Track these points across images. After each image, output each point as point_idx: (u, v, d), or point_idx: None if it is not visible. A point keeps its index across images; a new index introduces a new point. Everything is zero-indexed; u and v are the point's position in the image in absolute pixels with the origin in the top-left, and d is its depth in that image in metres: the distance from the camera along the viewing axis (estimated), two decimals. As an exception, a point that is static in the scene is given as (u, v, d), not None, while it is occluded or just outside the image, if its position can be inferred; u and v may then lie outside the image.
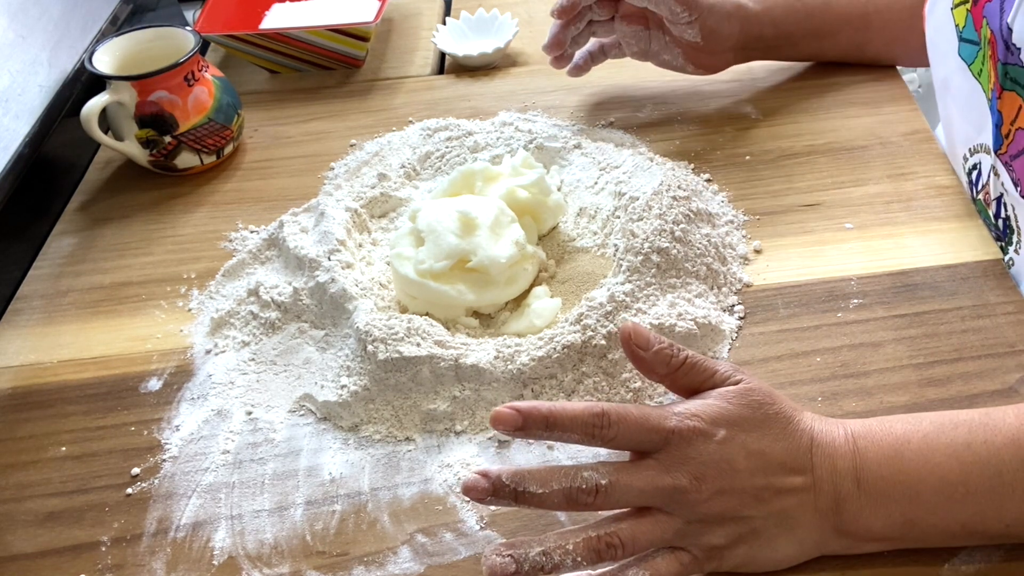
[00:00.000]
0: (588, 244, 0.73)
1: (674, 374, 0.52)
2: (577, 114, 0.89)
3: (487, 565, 0.47)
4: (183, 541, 0.58)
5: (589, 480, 0.47)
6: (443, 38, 1.01)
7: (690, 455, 0.48)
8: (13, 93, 0.83)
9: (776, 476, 0.49)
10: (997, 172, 0.68)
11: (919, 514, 0.50)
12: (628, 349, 0.52)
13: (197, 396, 0.67)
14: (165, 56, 0.84)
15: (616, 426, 0.48)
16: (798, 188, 0.78)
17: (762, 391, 0.51)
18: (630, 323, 0.52)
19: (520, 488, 0.47)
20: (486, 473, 0.48)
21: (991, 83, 0.67)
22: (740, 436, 0.49)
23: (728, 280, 0.70)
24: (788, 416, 0.51)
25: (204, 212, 0.84)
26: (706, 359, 0.52)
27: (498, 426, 0.48)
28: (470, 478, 0.48)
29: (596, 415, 0.48)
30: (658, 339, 0.51)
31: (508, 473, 0.48)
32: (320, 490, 0.60)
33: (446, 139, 0.85)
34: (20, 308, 0.77)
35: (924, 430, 0.51)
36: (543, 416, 0.48)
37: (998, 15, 0.65)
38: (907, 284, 0.68)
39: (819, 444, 0.50)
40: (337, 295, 0.68)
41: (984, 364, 0.62)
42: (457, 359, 0.62)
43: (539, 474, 0.48)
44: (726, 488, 0.48)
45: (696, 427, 0.48)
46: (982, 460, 0.49)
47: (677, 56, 0.83)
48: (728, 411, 0.49)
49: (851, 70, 0.89)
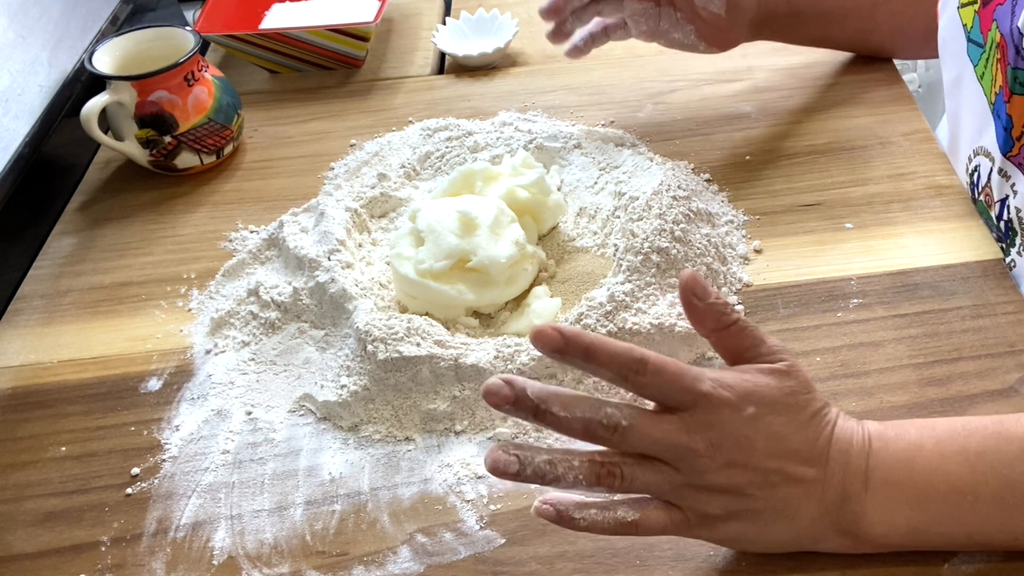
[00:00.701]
0: (588, 244, 0.73)
1: (722, 331, 0.51)
2: (577, 114, 0.89)
3: (492, 458, 0.46)
4: (183, 541, 0.58)
5: (611, 417, 0.47)
6: (443, 38, 1.01)
7: (713, 422, 0.48)
8: (13, 93, 0.83)
9: (789, 463, 0.49)
10: (1007, 175, 0.68)
11: (925, 520, 0.49)
12: (684, 296, 0.50)
13: (197, 396, 0.67)
14: (165, 56, 0.84)
15: (652, 375, 0.47)
16: (798, 188, 0.78)
17: (800, 377, 0.50)
18: (691, 271, 0.50)
19: (543, 406, 0.46)
20: (511, 381, 0.46)
21: (995, 87, 0.67)
22: (767, 416, 0.49)
23: (728, 280, 0.70)
24: (817, 408, 0.50)
25: (204, 212, 0.84)
26: (756, 328, 0.51)
27: (538, 343, 0.46)
28: (493, 382, 0.46)
29: (636, 360, 0.47)
30: (716, 293, 0.50)
31: (534, 387, 0.46)
32: (320, 490, 0.60)
33: (446, 139, 0.85)
34: (20, 308, 0.77)
35: (938, 436, 0.50)
36: (584, 346, 0.47)
37: (1009, 17, 0.64)
38: (907, 284, 0.68)
39: (837, 440, 0.50)
40: (337, 295, 0.68)
41: (984, 364, 0.62)
42: (457, 359, 0.62)
43: (564, 397, 0.47)
44: (738, 462, 0.48)
45: (727, 398, 0.48)
46: (994, 469, 0.49)
47: (689, 34, 0.81)
48: (762, 390, 0.49)
49: (851, 70, 0.90)
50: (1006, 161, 0.67)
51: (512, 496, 0.58)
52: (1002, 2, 0.66)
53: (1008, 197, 0.68)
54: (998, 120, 0.67)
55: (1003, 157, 0.67)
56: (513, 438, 0.61)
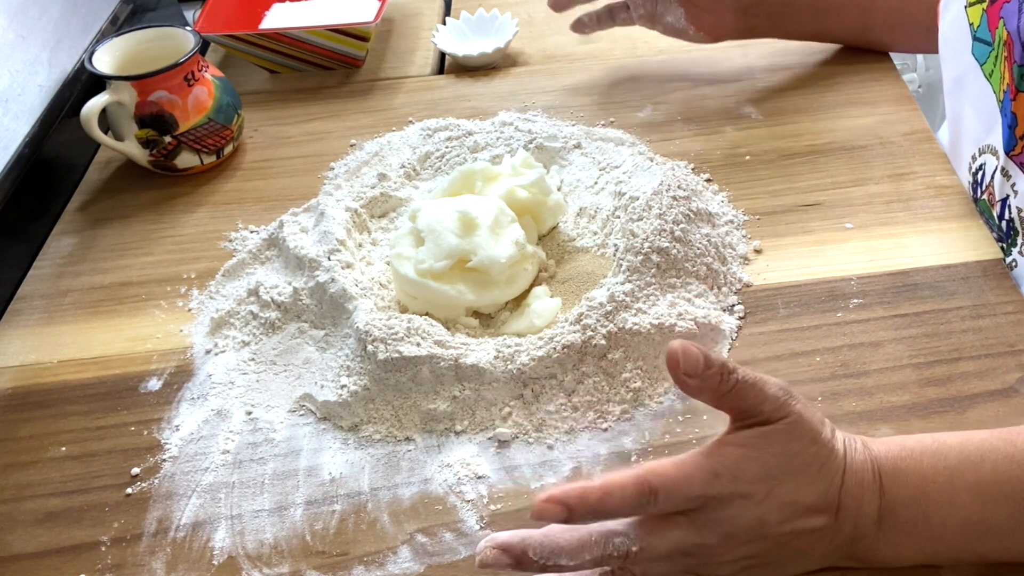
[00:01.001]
0: (588, 244, 0.73)
1: (722, 398, 0.48)
2: (577, 114, 0.89)
3: None
4: (183, 541, 0.58)
5: (620, 547, 0.46)
6: (443, 38, 1.01)
7: (725, 518, 0.47)
8: (13, 93, 0.83)
9: (801, 519, 0.48)
10: (1008, 174, 0.68)
11: (937, 551, 0.49)
12: (675, 376, 0.47)
13: (197, 396, 0.67)
14: (165, 56, 0.84)
15: (664, 503, 0.46)
16: (798, 188, 0.78)
17: (805, 429, 0.48)
18: (679, 345, 0.46)
19: (550, 562, 0.46)
20: (507, 547, 0.46)
21: (1003, 84, 0.67)
22: (777, 490, 0.47)
23: (728, 280, 0.70)
24: (826, 454, 0.48)
25: (204, 212, 0.84)
26: (757, 380, 0.47)
27: (543, 519, 0.45)
28: (487, 554, 0.46)
29: (646, 494, 0.45)
30: (708, 362, 0.46)
31: (533, 543, 0.46)
32: (320, 490, 0.60)
33: (446, 139, 0.85)
34: (20, 308, 0.77)
35: (950, 466, 0.49)
36: (591, 505, 0.45)
37: (1016, 16, 0.64)
38: (907, 284, 0.68)
39: (849, 486, 0.49)
40: (337, 295, 0.68)
41: (984, 364, 0.62)
42: (457, 359, 0.62)
43: (568, 547, 0.46)
44: (753, 541, 0.47)
45: (736, 491, 0.47)
46: (1008, 497, 0.48)
47: (680, 17, 0.83)
48: (767, 467, 0.47)
49: (851, 70, 0.90)
50: (1009, 160, 0.67)
51: (512, 496, 0.58)
52: (1008, 0, 0.66)
53: (1009, 197, 0.68)
54: (1004, 118, 0.67)
55: (1006, 156, 0.67)
56: (513, 438, 0.61)
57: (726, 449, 0.48)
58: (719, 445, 0.48)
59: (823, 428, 0.49)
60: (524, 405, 0.62)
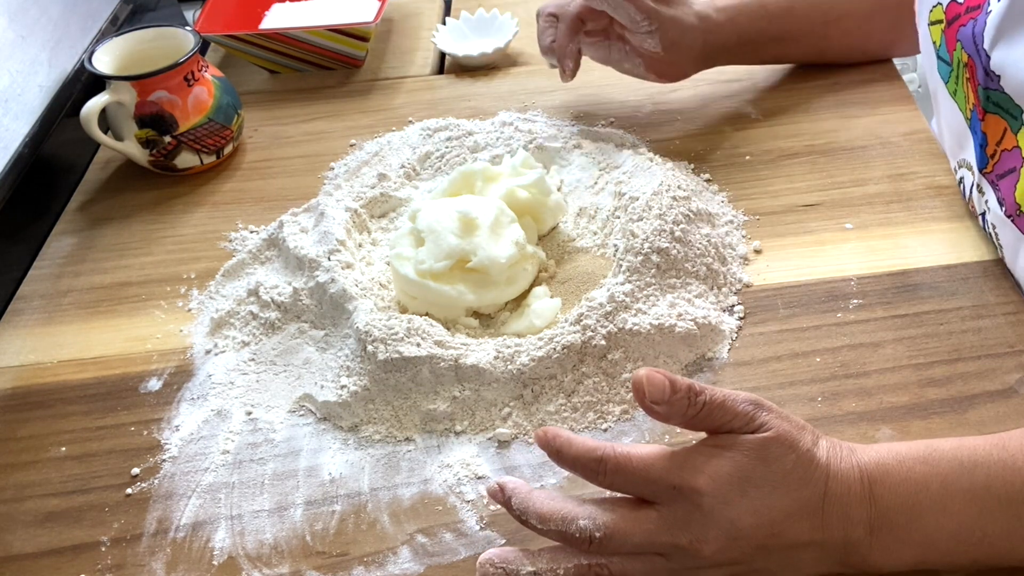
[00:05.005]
0: (588, 244, 0.73)
1: (690, 421, 0.49)
2: (577, 114, 0.89)
3: (480, 573, 0.49)
4: (183, 541, 0.58)
5: (584, 530, 0.47)
6: (443, 38, 1.01)
7: (692, 516, 0.47)
8: (13, 93, 0.83)
9: (781, 528, 0.48)
10: (982, 190, 0.68)
11: (931, 557, 0.49)
12: (642, 405, 0.48)
13: (197, 396, 0.67)
14: (165, 56, 0.84)
15: (611, 474, 0.48)
16: (798, 188, 0.78)
17: (781, 440, 0.48)
18: (643, 373, 0.47)
19: (524, 517, 0.50)
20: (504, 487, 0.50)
21: (969, 104, 0.67)
22: (751, 492, 0.47)
23: (728, 280, 0.70)
24: (805, 465, 0.48)
25: (204, 212, 0.84)
26: (726, 398, 0.48)
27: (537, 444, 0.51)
28: (491, 485, 0.51)
29: (595, 459, 0.48)
30: (674, 387, 0.47)
31: (519, 496, 0.50)
32: (320, 490, 0.60)
33: (446, 139, 0.85)
34: (20, 308, 0.77)
35: (943, 473, 0.49)
36: (554, 449, 0.50)
37: (971, 40, 0.64)
38: (907, 284, 0.68)
39: (832, 494, 0.48)
40: (337, 295, 0.68)
41: (984, 364, 0.62)
42: (457, 359, 0.62)
43: (541, 510, 0.49)
44: (728, 544, 0.47)
45: (702, 487, 0.47)
46: (1001, 504, 0.48)
47: (638, 66, 0.82)
48: (741, 469, 0.47)
49: (851, 70, 0.89)
50: (982, 177, 0.67)
51: (512, 496, 0.58)
52: (964, 23, 0.66)
53: (985, 212, 0.68)
54: (975, 136, 0.67)
55: (979, 173, 0.67)
56: (513, 438, 0.61)
57: (701, 447, 0.49)
58: (696, 444, 0.49)
59: (802, 435, 0.49)
60: (524, 405, 0.62)
